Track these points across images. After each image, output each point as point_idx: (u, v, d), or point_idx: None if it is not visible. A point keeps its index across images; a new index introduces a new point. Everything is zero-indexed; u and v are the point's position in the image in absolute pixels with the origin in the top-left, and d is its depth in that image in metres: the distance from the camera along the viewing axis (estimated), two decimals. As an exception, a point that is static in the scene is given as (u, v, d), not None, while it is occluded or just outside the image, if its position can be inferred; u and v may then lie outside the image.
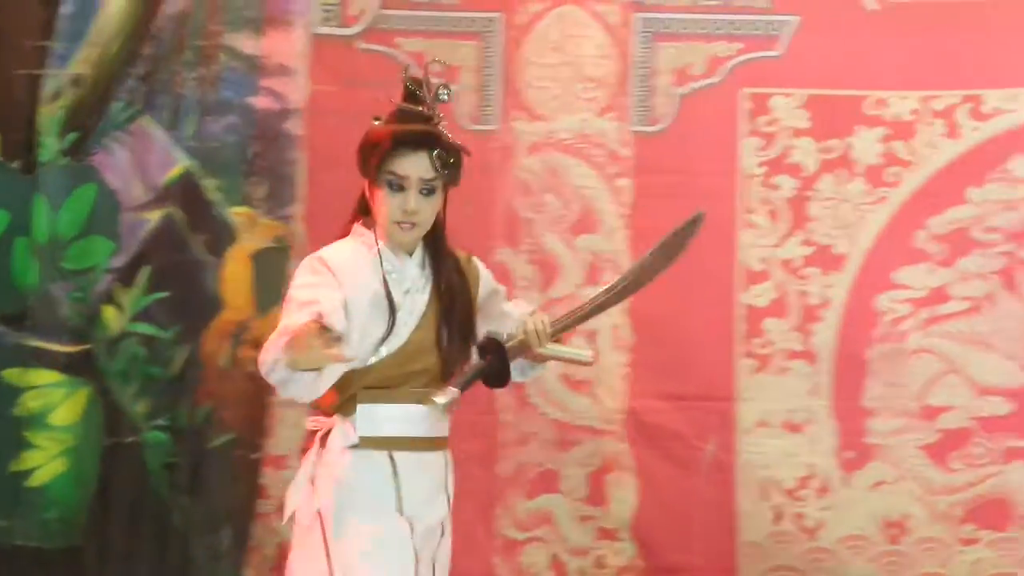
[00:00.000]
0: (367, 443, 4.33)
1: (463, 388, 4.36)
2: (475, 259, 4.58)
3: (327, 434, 4.38)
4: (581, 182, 6.48)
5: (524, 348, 4.40)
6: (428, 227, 4.32)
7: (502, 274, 6.32)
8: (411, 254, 4.37)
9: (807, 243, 6.37)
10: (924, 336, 6.15)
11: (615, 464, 6.44)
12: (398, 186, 4.27)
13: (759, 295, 6.36)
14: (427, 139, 4.30)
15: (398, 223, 4.30)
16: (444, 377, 4.35)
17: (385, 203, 4.31)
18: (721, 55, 6.48)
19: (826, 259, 6.36)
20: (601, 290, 4.58)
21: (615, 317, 6.43)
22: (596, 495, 6.49)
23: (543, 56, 6.49)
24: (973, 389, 6.12)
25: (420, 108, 4.38)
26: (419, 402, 4.33)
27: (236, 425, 6.40)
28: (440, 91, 4.41)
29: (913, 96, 6.38)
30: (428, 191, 4.28)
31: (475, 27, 6.50)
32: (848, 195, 6.38)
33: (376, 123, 4.44)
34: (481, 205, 6.44)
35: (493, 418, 6.48)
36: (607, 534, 6.49)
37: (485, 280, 4.56)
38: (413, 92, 4.41)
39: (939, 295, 6.24)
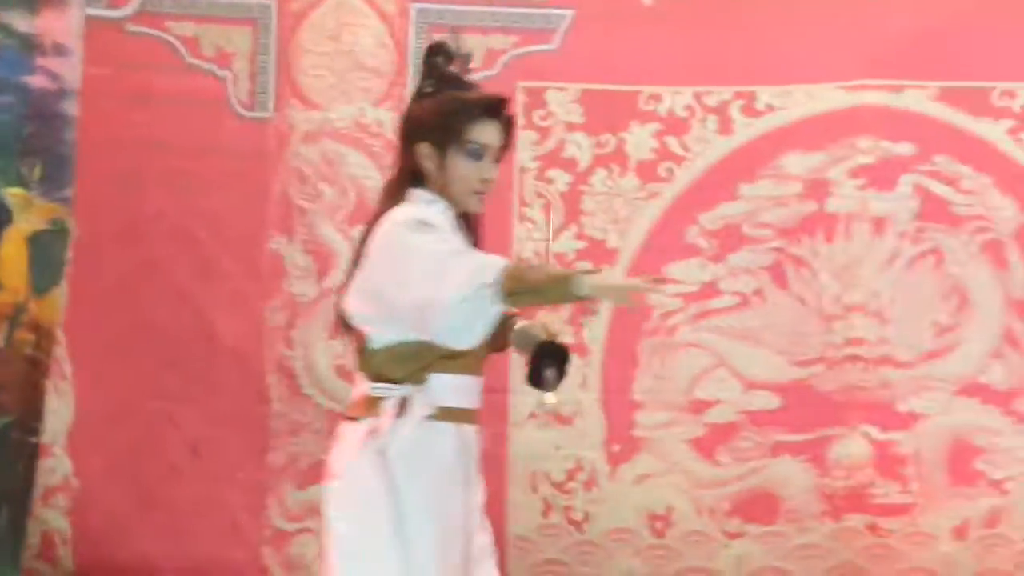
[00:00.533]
0: (442, 414, 4.26)
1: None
2: None
3: (399, 403, 4.26)
4: (358, 172, 6.53)
5: None
6: None
7: (276, 263, 6.51)
8: None
9: (580, 237, 6.47)
10: (693, 330, 6.27)
11: None
12: (478, 154, 4.19)
13: None
14: (505, 107, 4.25)
15: (475, 192, 4.23)
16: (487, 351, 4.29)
17: (465, 171, 4.22)
18: (497, 48, 6.57)
19: (599, 253, 6.45)
20: None
21: None
22: None
23: (319, 44, 6.58)
24: (742, 383, 6.25)
25: (467, 77, 4.32)
26: (475, 374, 4.27)
27: (13, 408, 6.38)
28: (470, 62, 4.37)
29: (687, 92, 6.50)
30: (496, 160, 4.23)
31: (250, 13, 6.62)
32: (621, 190, 6.49)
33: (428, 91, 4.32)
34: (255, 193, 6.54)
35: (266, 408, 6.53)
36: None
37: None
38: (450, 61, 4.34)
39: (709, 290, 6.34)
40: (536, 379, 4.25)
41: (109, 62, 6.56)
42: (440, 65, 4.28)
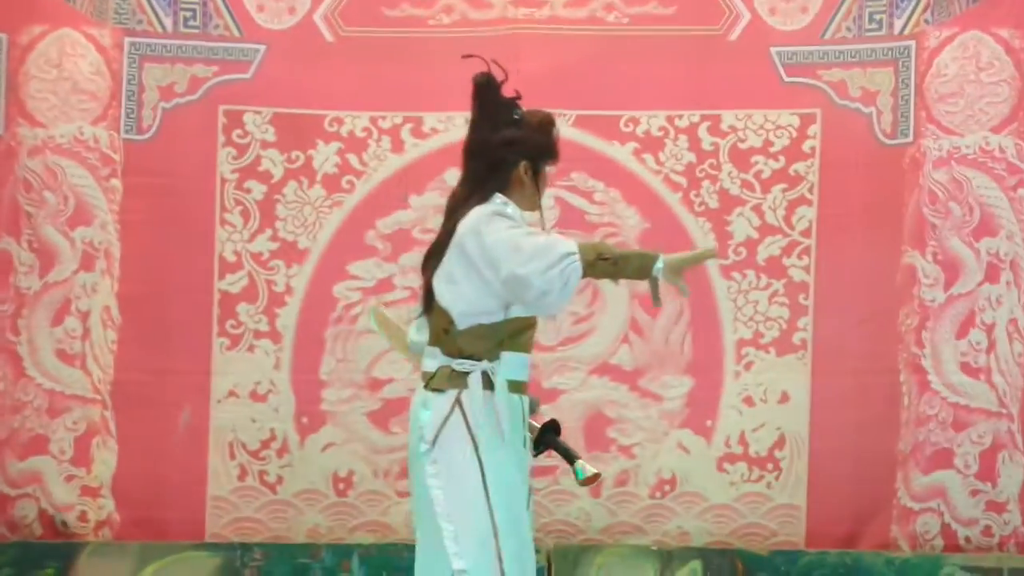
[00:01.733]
0: (512, 386, 4.57)
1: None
2: None
3: (482, 377, 4.53)
4: (76, 181, 6.87)
5: None
6: None
7: (6, 261, 6.81)
8: None
9: (274, 239, 6.93)
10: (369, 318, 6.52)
11: (101, 429, 6.83)
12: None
13: (233, 283, 6.89)
14: None
15: (542, 194, 4.69)
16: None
17: (547, 179, 4.66)
18: (200, 76, 6.99)
19: (290, 253, 6.92)
20: None
21: (106, 298, 6.85)
22: (82, 457, 6.84)
23: (44, 72, 6.90)
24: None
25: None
26: (529, 351, 4.57)
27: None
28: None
29: (364, 116, 6.94)
30: None
31: None
32: (310, 199, 6.93)
33: (518, 117, 4.67)
34: None
35: None
36: (90, 491, 6.86)
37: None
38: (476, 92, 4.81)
39: (386, 284, 6.78)
40: (538, 447, 4.64)
41: None
42: (513, 95, 4.72)
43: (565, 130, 6.70)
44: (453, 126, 6.88)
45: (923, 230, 6.88)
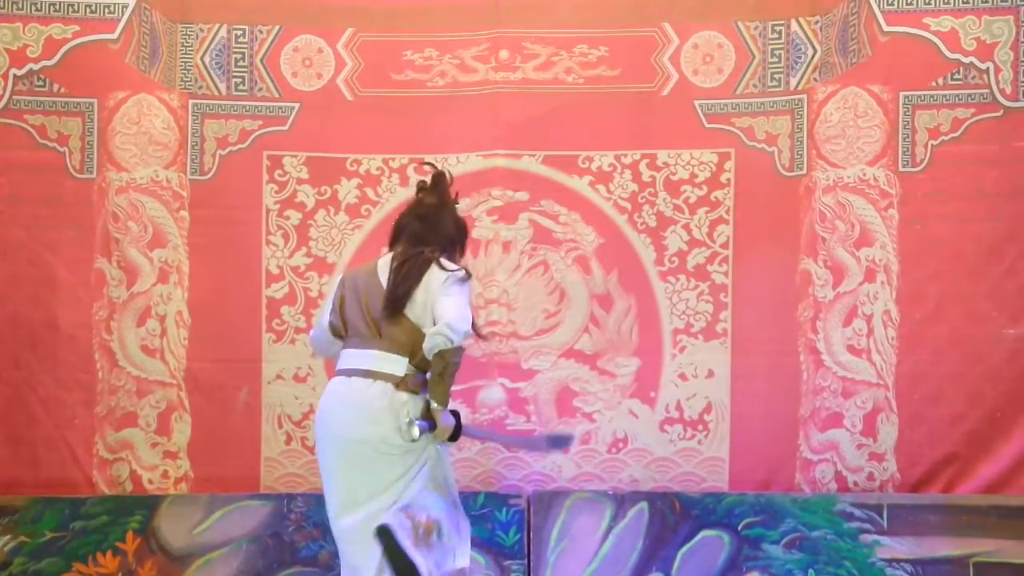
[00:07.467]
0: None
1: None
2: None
3: None
4: (154, 213, 7.36)
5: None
6: None
7: (100, 277, 7.23)
8: None
9: (308, 255, 7.42)
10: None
11: (177, 406, 7.39)
12: None
13: (277, 290, 7.43)
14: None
15: None
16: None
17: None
18: (248, 128, 7.46)
19: (321, 266, 7.37)
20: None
21: (179, 305, 7.34)
22: (163, 428, 7.35)
23: (127, 128, 7.37)
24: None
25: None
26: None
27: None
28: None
29: (378, 158, 7.37)
30: None
31: (80, 108, 7.38)
32: (336, 223, 7.41)
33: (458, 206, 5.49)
34: (84, 229, 7.36)
35: (93, 376, 7.34)
36: (170, 455, 7.37)
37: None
38: (439, 181, 5.46)
39: None
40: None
41: (-18, 143, 7.09)
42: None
43: (535, 167, 7.37)
44: (448, 165, 7.11)
45: (815, 242, 7.32)
